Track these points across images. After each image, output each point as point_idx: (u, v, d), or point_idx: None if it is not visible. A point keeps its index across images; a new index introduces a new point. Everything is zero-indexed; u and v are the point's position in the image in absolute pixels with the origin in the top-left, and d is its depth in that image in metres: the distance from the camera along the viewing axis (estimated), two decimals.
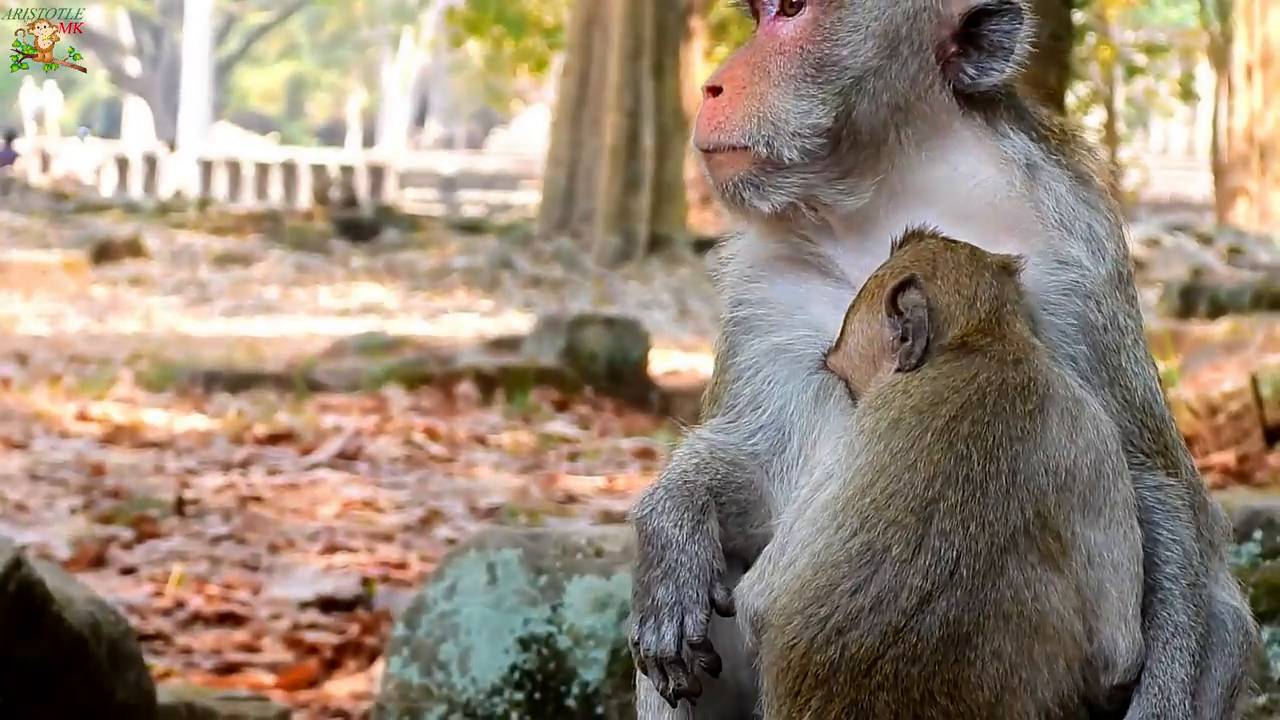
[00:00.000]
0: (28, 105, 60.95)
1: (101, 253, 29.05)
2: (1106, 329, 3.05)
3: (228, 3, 77.98)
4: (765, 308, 3.15)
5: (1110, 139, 43.04)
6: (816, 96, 3.04)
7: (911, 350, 2.93)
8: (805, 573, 2.81)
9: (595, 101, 31.32)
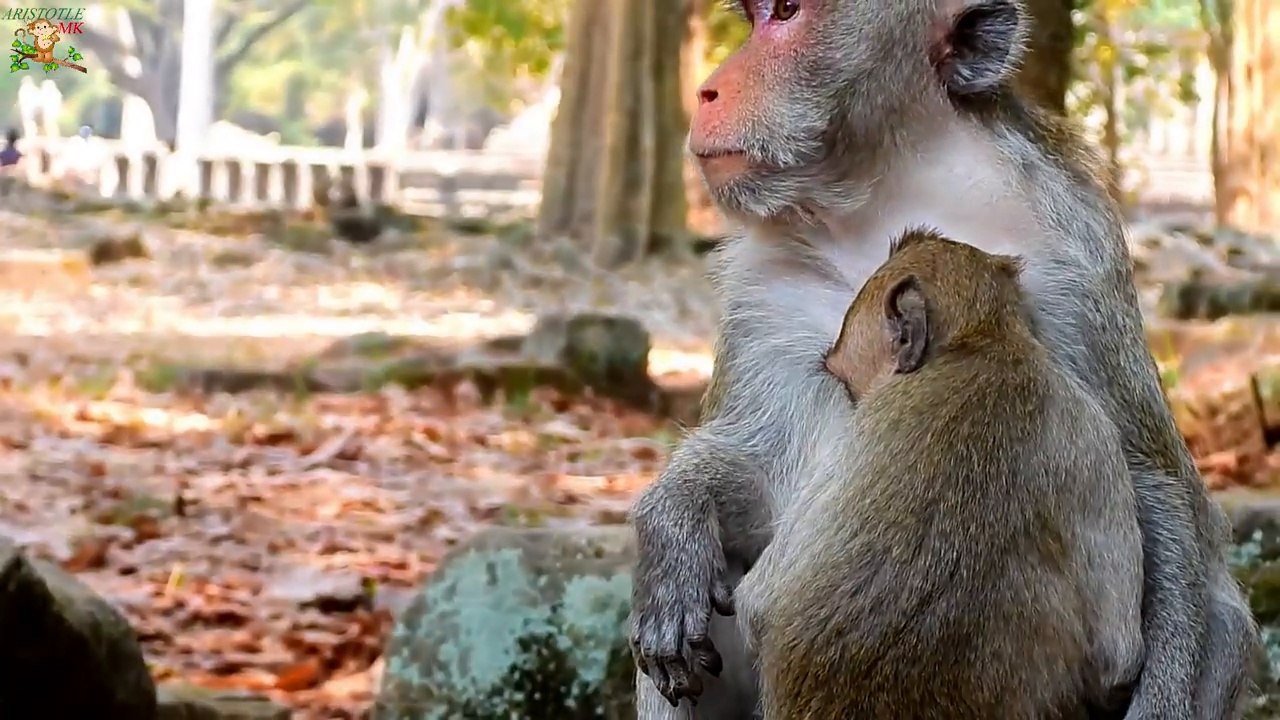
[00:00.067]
0: (27, 105, 60.94)
1: (101, 253, 29.05)
2: (1105, 328, 3.05)
3: (228, 3, 77.97)
4: (764, 310, 3.15)
5: (1110, 140, 43.04)
6: (811, 100, 3.04)
7: (911, 352, 2.93)
8: (805, 574, 2.82)
9: (595, 102, 31.31)
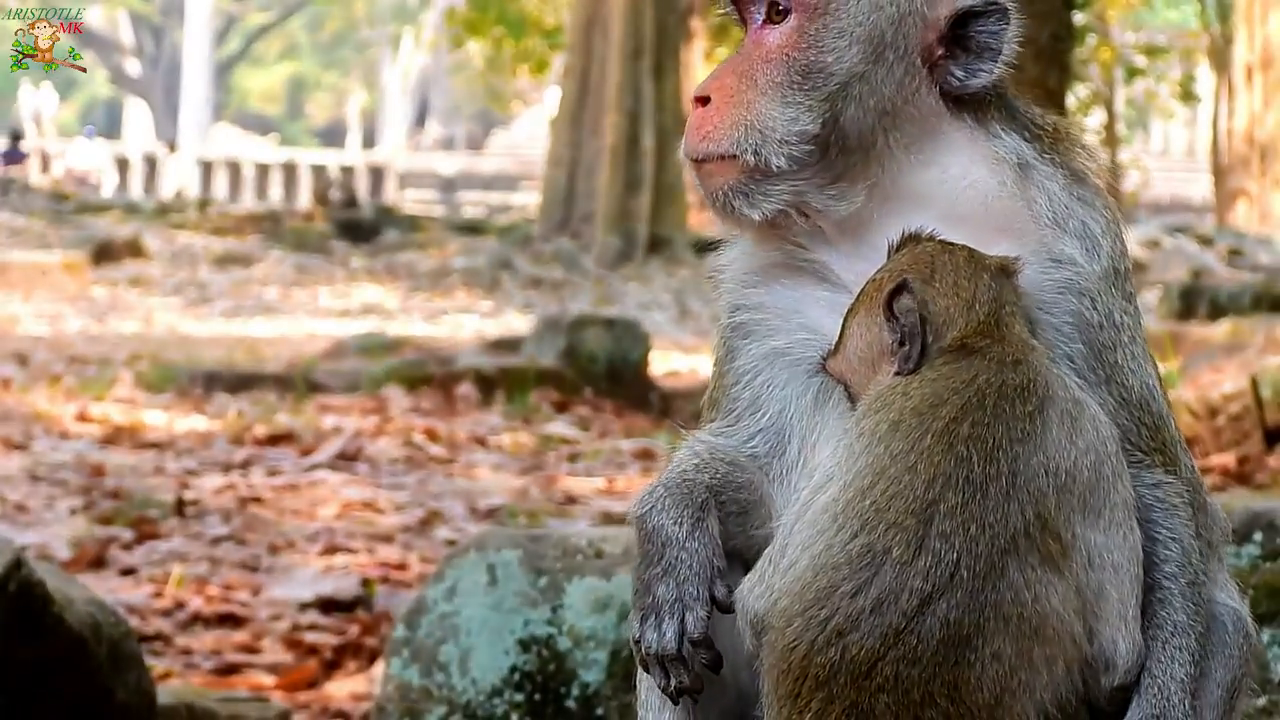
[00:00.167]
0: (26, 106, 60.94)
1: (101, 253, 29.06)
2: (1102, 326, 3.05)
3: (228, 3, 77.98)
4: (763, 313, 3.15)
5: (1110, 140, 43.04)
6: (803, 103, 3.04)
7: (909, 354, 2.93)
8: (805, 575, 2.81)
9: (595, 102, 31.31)
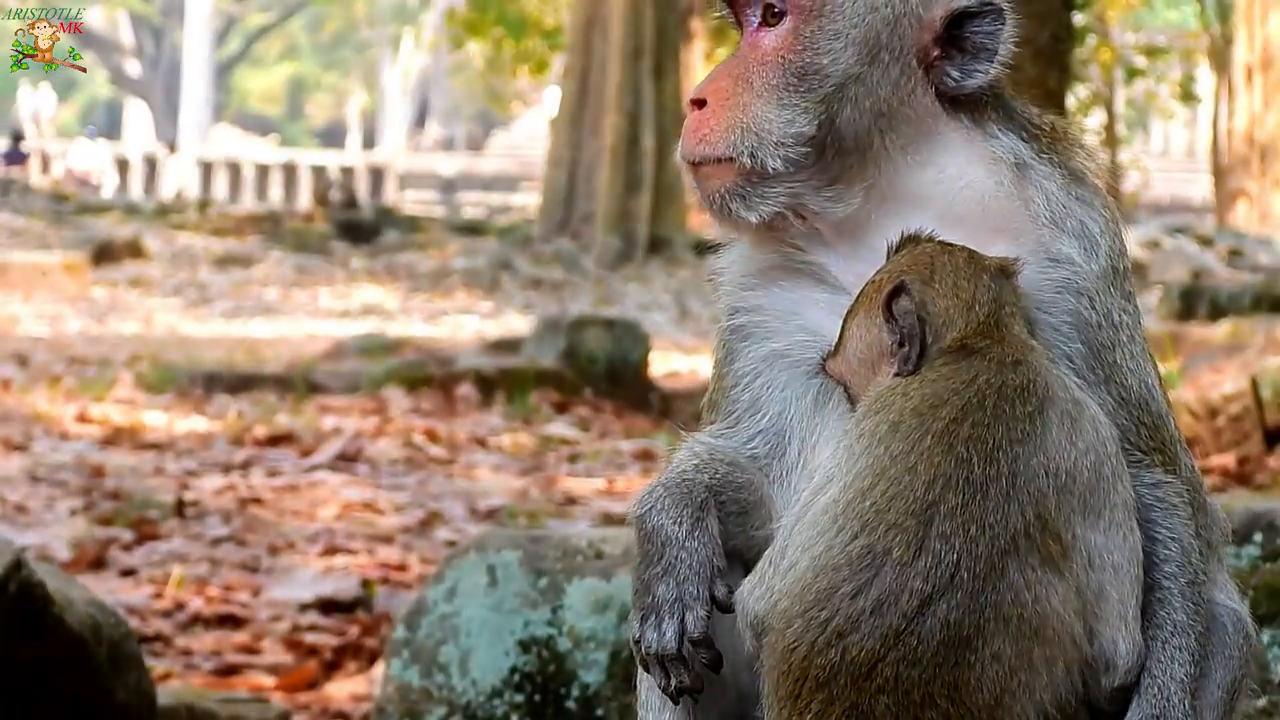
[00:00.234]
0: (25, 107, 60.94)
1: (101, 254, 29.07)
2: (1101, 325, 3.04)
3: (228, 4, 77.99)
4: (762, 315, 3.15)
5: (1110, 141, 43.05)
6: (799, 105, 3.04)
7: (908, 356, 2.93)
8: (806, 576, 2.81)
9: (595, 103, 31.32)
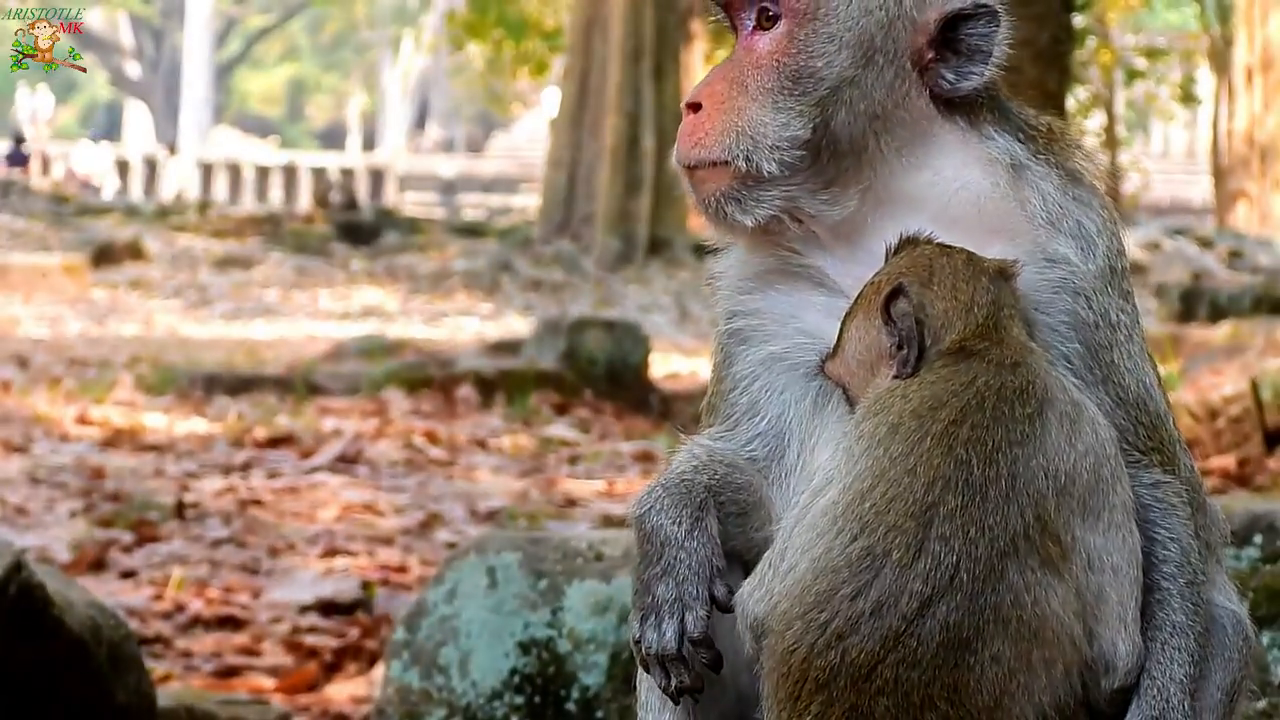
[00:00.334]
0: (23, 108, 60.94)
1: (101, 256, 29.09)
2: (1098, 325, 3.04)
3: (228, 5, 78.02)
4: (760, 318, 3.15)
5: (1110, 143, 43.09)
6: (794, 109, 3.04)
7: (906, 358, 2.93)
8: (805, 578, 2.81)
9: (595, 104, 31.33)
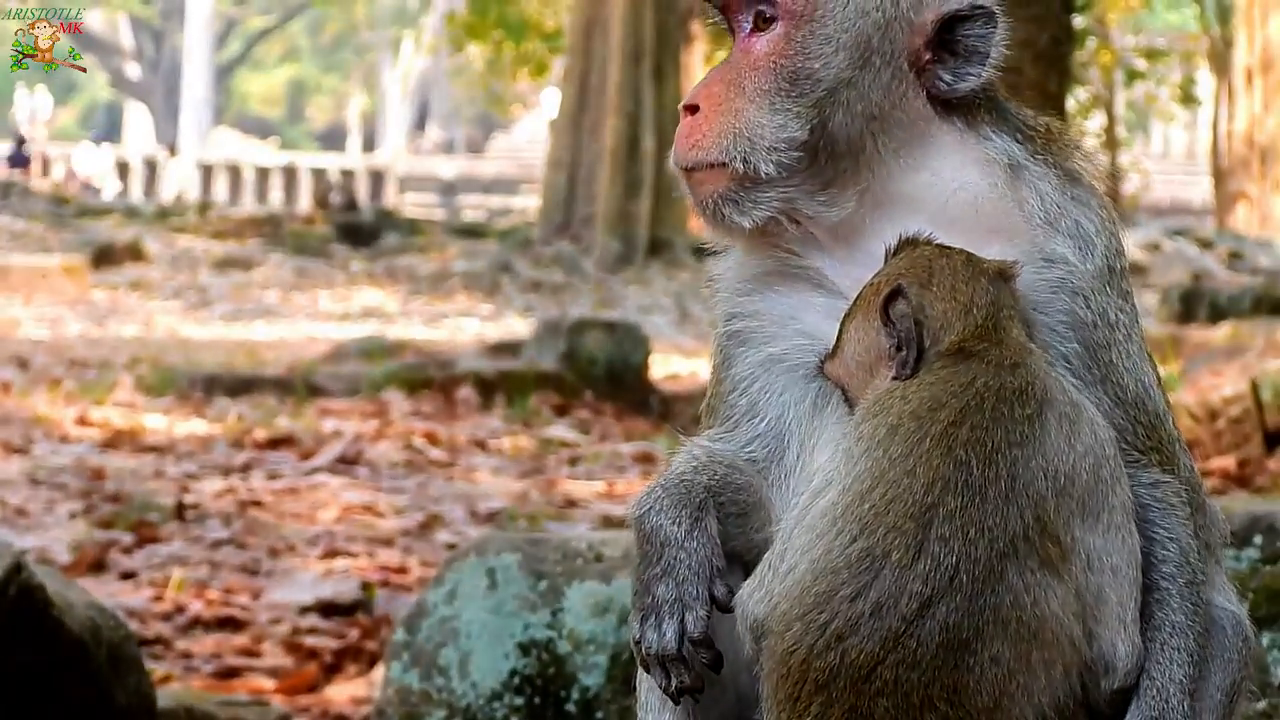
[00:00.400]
0: (22, 109, 60.92)
1: (102, 257, 29.11)
2: (1096, 325, 3.04)
3: (228, 6, 78.02)
4: (759, 320, 3.15)
5: (1110, 144, 43.09)
6: (791, 110, 3.04)
7: (906, 359, 2.93)
8: (805, 579, 2.81)
9: (595, 105, 31.33)
